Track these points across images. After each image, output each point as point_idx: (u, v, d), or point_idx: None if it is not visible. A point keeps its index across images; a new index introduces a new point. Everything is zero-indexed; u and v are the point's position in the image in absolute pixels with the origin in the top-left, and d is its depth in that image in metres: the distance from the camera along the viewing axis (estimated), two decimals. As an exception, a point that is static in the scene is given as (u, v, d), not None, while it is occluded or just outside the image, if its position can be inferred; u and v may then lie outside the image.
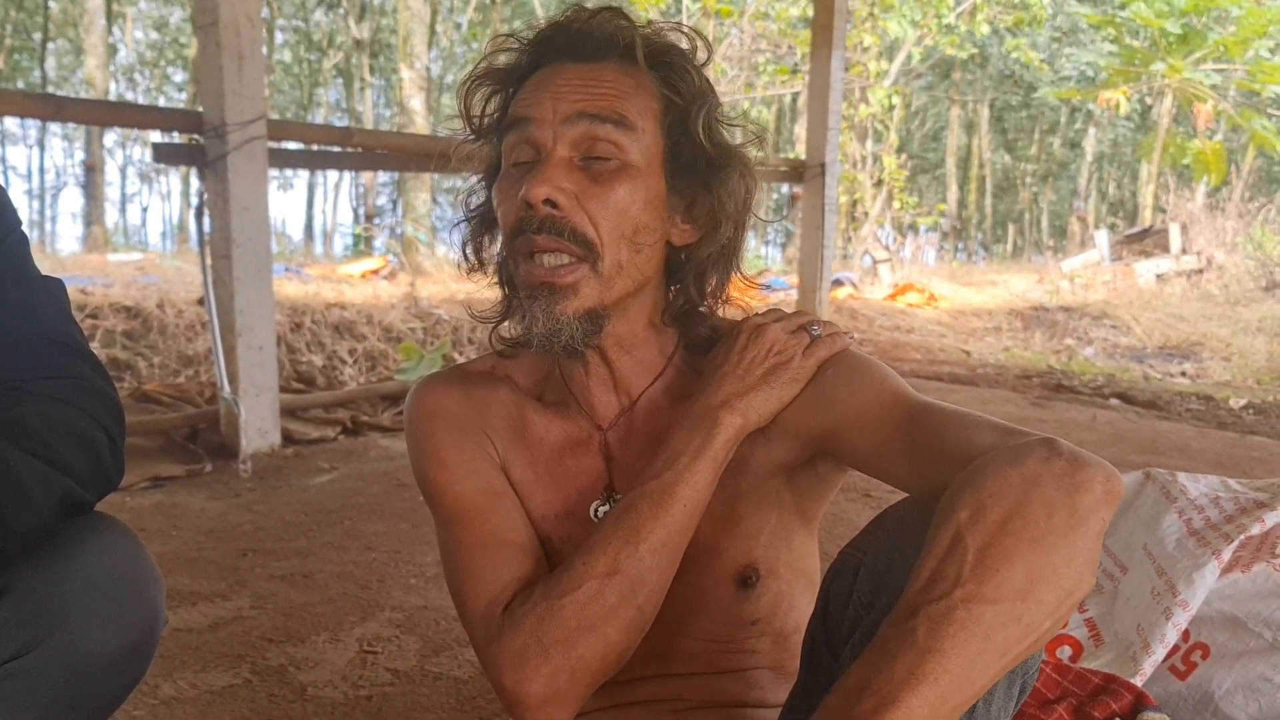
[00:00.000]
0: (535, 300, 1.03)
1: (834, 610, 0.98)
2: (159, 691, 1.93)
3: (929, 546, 0.81)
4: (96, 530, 1.04)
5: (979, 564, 0.78)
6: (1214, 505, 1.71)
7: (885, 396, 1.03)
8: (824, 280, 6.81)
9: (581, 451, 1.15)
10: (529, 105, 1.04)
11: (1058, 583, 0.78)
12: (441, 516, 1.12)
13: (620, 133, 1.03)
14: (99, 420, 1.10)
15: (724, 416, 1.05)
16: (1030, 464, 0.82)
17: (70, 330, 1.14)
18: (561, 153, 1.02)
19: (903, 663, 0.75)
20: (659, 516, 1.01)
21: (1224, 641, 1.57)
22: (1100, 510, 0.81)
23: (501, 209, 1.07)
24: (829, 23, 6.46)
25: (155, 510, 3.25)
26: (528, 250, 1.03)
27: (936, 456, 0.94)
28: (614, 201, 1.03)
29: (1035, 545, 0.78)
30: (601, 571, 1.00)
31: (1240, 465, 4.04)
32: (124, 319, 5.79)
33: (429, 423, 1.14)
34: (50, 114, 3.95)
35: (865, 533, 0.98)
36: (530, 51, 1.08)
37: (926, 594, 0.78)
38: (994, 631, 0.76)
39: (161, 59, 30.20)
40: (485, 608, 1.04)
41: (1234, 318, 10.35)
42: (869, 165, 16.41)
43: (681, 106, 1.06)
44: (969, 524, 0.80)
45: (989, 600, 0.76)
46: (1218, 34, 17.49)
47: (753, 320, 1.13)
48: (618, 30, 1.05)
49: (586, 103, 1.02)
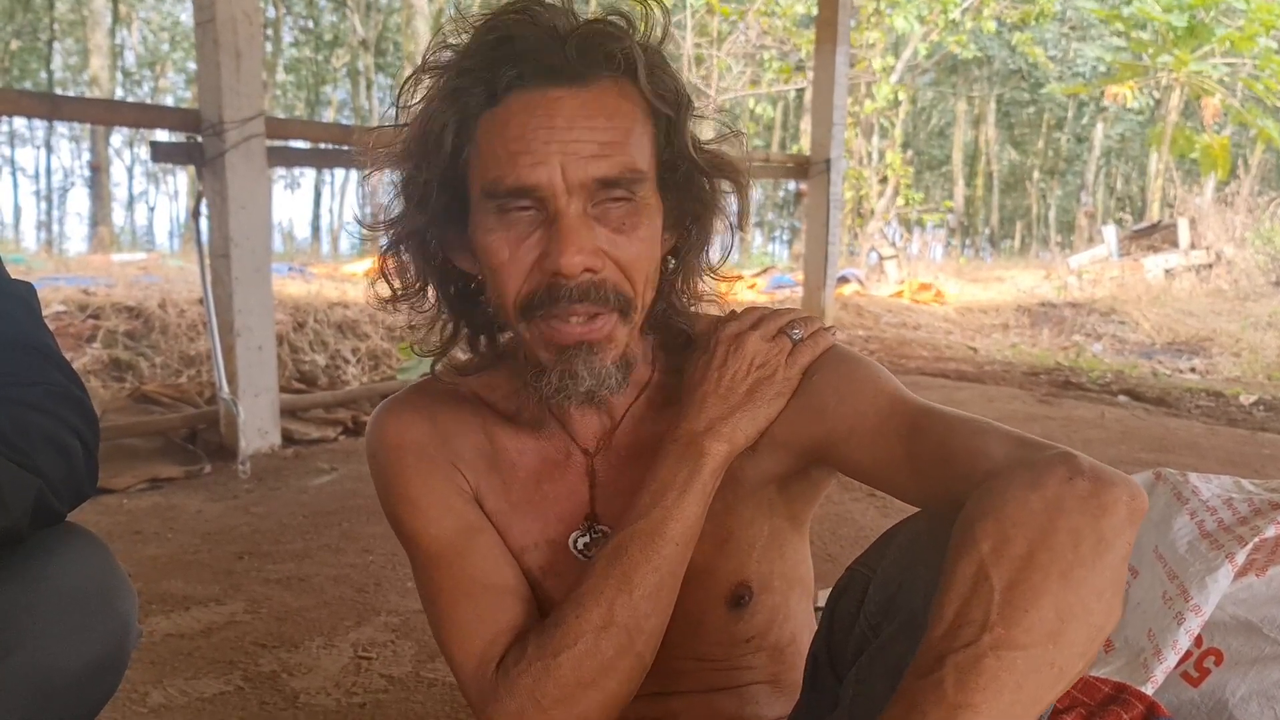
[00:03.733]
0: (575, 358, 0.95)
1: (839, 630, 0.94)
2: (148, 699, 1.89)
3: (950, 582, 0.76)
4: (64, 541, 1.01)
5: (1006, 604, 0.72)
6: (1227, 506, 1.66)
7: (881, 403, 0.97)
8: (830, 277, 6.77)
9: (559, 475, 1.08)
10: (531, 168, 0.90)
11: (1088, 619, 0.73)
12: (419, 561, 1.07)
13: (637, 184, 0.94)
14: (72, 427, 1.07)
15: (709, 445, 0.99)
16: (1052, 486, 0.77)
17: (41, 335, 1.11)
18: (577, 209, 0.92)
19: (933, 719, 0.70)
20: (651, 559, 0.96)
21: (1238, 647, 1.52)
22: (1125, 533, 0.76)
23: (501, 268, 0.95)
24: (834, 18, 6.43)
25: (152, 512, 3.22)
26: (563, 319, 0.95)
27: (943, 469, 0.88)
28: (641, 250, 0.96)
29: (1064, 580, 0.73)
30: (596, 624, 0.95)
31: (1251, 463, 3.99)
32: (126, 319, 5.78)
33: (395, 458, 1.07)
34: (47, 113, 3.93)
35: (874, 549, 0.93)
36: (504, 63, 0.92)
37: (952, 640, 0.73)
38: (1026, 679, 0.71)
39: (168, 59, 30.24)
40: (476, 664, 1.00)
41: (1243, 313, 10.27)
42: (875, 161, 16.36)
43: (670, 117, 0.98)
44: (993, 558, 0.75)
45: (1020, 645, 0.71)
46: (1225, 28, 17.40)
47: (730, 329, 1.05)
48: (617, 49, 0.93)
49: (602, 165, 0.91)
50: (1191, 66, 17.30)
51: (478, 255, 0.98)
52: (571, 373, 0.96)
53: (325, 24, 29.81)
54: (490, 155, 0.93)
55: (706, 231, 1.05)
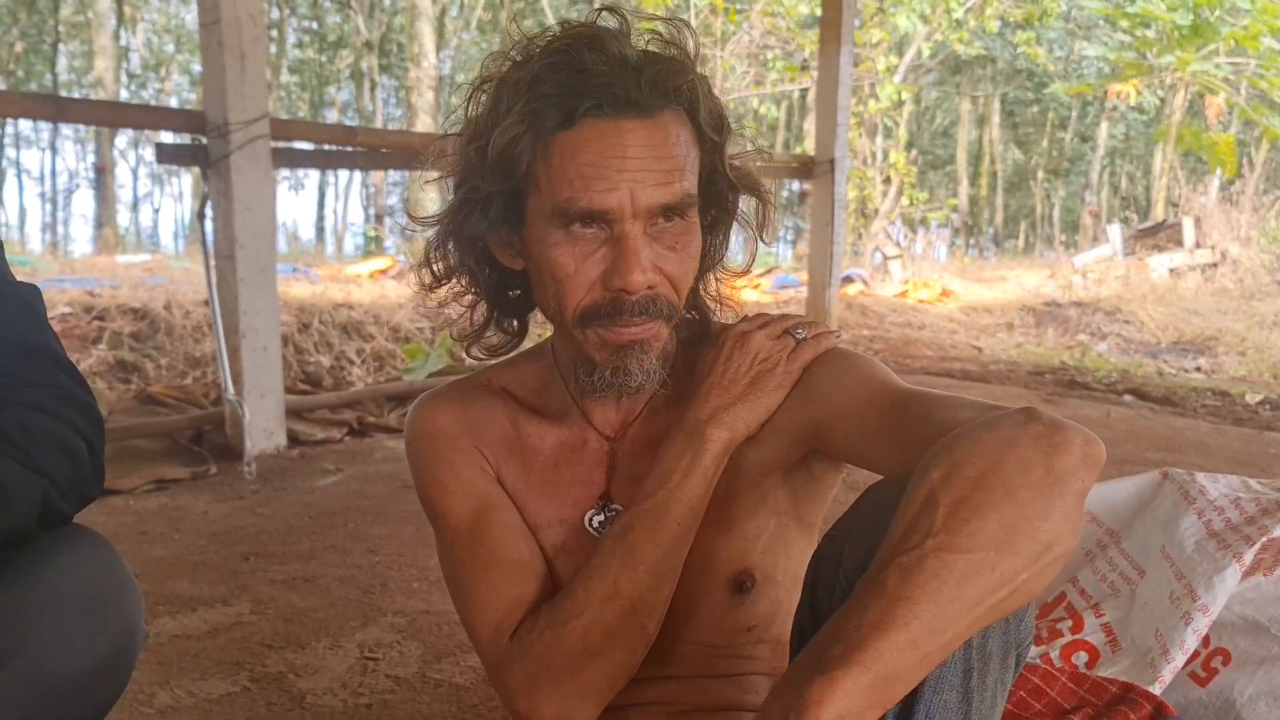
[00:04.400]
0: (629, 357, 1.04)
1: (821, 595, 0.95)
2: (155, 700, 1.90)
3: (902, 506, 0.80)
4: (70, 543, 1.01)
5: (951, 516, 0.76)
6: (1234, 506, 1.66)
7: (871, 387, 1.02)
8: (834, 277, 6.76)
9: (577, 459, 1.16)
10: (604, 193, 0.97)
11: (1033, 535, 0.76)
12: (445, 539, 1.15)
13: (690, 209, 1.03)
14: (78, 429, 1.07)
15: (711, 432, 1.07)
16: (1006, 428, 0.81)
17: (46, 338, 1.11)
18: (639, 230, 1.00)
19: (872, 610, 0.74)
20: (654, 537, 1.04)
21: (1246, 647, 1.52)
22: (1079, 472, 0.79)
23: (567, 280, 1.02)
24: (838, 18, 6.42)
25: (158, 513, 3.23)
26: (622, 326, 1.03)
27: (922, 439, 0.91)
28: (689, 265, 1.05)
29: (1009, 498, 0.77)
30: (602, 597, 1.03)
31: (1258, 462, 3.98)
32: (131, 320, 5.79)
33: (426, 445, 1.16)
34: (53, 115, 3.95)
35: (849, 514, 0.96)
36: (581, 92, 0.97)
37: (898, 548, 0.77)
38: (967, 579, 0.75)
39: (173, 61, 30.28)
40: (492, 633, 1.08)
41: (1249, 312, 10.24)
42: (879, 161, 16.34)
43: (715, 142, 1.06)
44: (942, 482, 0.79)
45: (961, 550, 0.75)
46: (1230, 27, 17.36)
47: (738, 328, 1.14)
48: (684, 84, 1.01)
49: (664, 193, 0.99)
50: (1196, 66, 17.26)
51: (538, 261, 1.04)
52: (625, 369, 1.05)
53: (329, 25, 29.83)
54: (562, 177, 0.99)
55: (727, 239, 1.15)
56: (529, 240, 1.05)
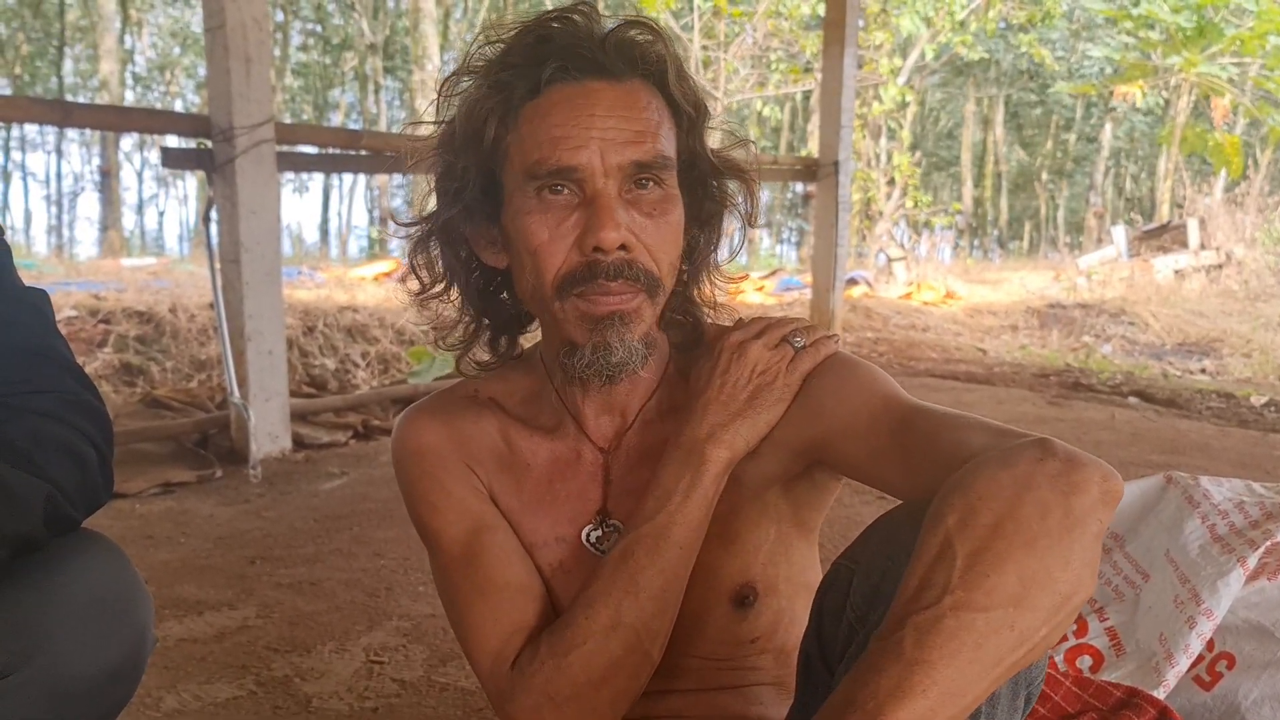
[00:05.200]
0: (608, 329, 1.00)
1: (828, 624, 0.95)
2: (162, 704, 1.90)
3: (917, 554, 0.78)
4: (81, 548, 1.01)
5: (968, 570, 0.74)
6: (1238, 510, 1.66)
7: (875, 402, 1.00)
8: (838, 279, 6.76)
9: (571, 473, 1.12)
10: (573, 150, 0.96)
11: (1053, 587, 0.74)
12: (439, 561, 1.12)
13: (666, 171, 1.01)
14: (87, 435, 1.07)
15: (710, 451, 1.03)
16: (1022, 465, 0.78)
17: (55, 343, 1.12)
18: (613, 190, 0.98)
19: (889, 676, 0.71)
20: (656, 562, 1.01)
21: (1250, 651, 1.52)
22: (1097, 511, 0.77)
23: (541, 247, 1.00)
24: (841, 19, 6.42)
25: (164, 516, 3.24)
26: (599, 294, 0.99)
27: (930, 461, 0.90)
28: (668, 235, 1.02)
29: (1028, 549, 0.74)
30: (604, 625, 1.00)
31: (1263, 465, 3.97)
32: (136, 324, 5.80)
33: (415, 464, 1.12)
34: (59, 119, 3.95)
35: (858, 543, 0.95)
36: (546, 59, 0.99)
37: (914, 604, 0.74)
38: (986, 640, 0.72)
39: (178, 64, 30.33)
40: (492, 662, 1.05)
41: (1254, 313, 10.23)
42: (883, 163, 16.33)
43: (693, 118, 1.05)
44: (958, 528, 0.76)
45: (979, 607, 0.73)
46: (1234, 28, 17.33)
47: (734, 337, 1.09)
48: (650, 53, 1.01)
49: (636, 151, 0.98)
50: (1201, 69, 17.23)
51: (514, 239, 1.03)
52: (604, 344, 1.00)
53: (333, 27, 29.86)
54: (532, 140, 0.98)
55: (717, 233, 1.12)
56: (505, 226, 1.04)
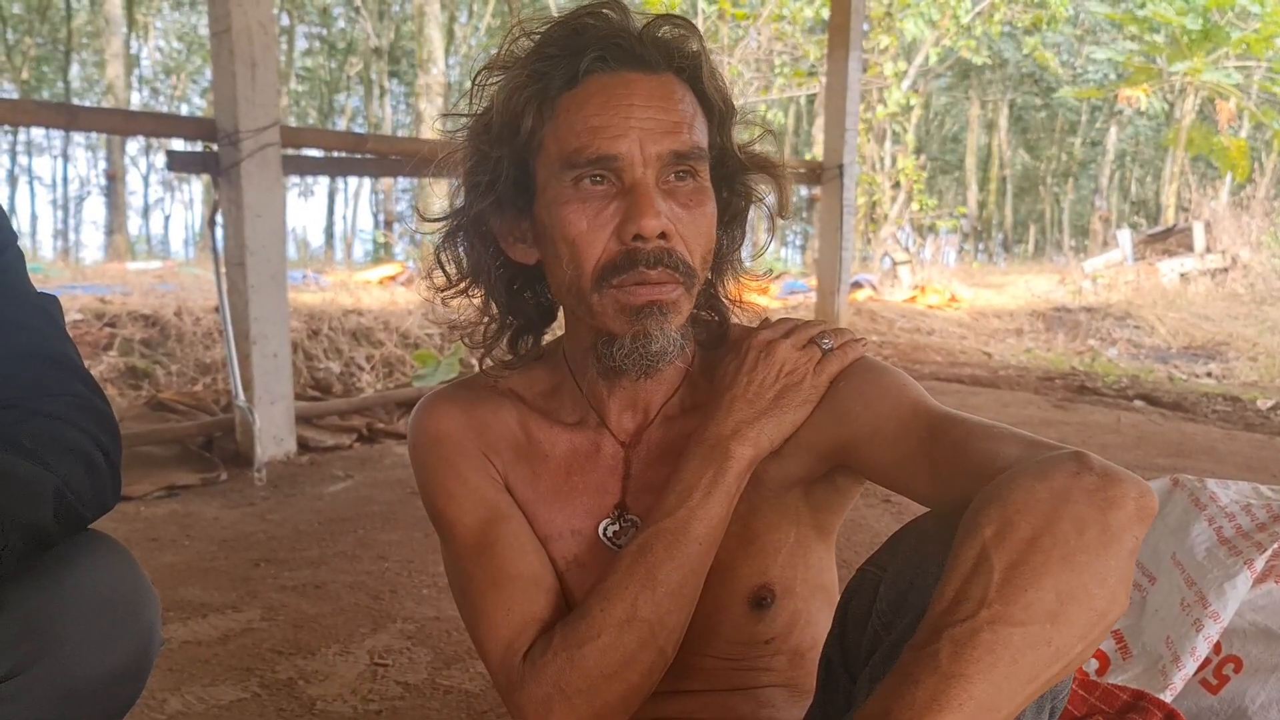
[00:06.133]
0: (648, 319, 1.00)
1: (851, 630, 0.94)
2: (166, 706, 1.90)
3: (953, 565, 0.77)
4: (90, 549, 1.01)
5: (1006, 584, 0.74)
6: (1245, 513, 1.65)
7: (904, 408, 0.99)
8: (843, 282, 6.76)
9: (590, 466, 1.11)
10: (611, 139, 0.97)
11: (1089, 604, 0.74)
12: (453, 550, 1.11)
13: (701, 163, 1.02)
14: (95, 439, 1.08)
15: (735, 448, 1.02)
16: (1059, 478, 0.78)
17: (65, 348, 1.12)
18: (651, 179, 0.98)
19: (925, 688, 0.71)
20: (675, 557, 1.00)
21: (1257, 654, 1.51)
22: (1133, 527, 0.77)
23: (580, 237, 0.99)
24: (845, 23, 6.42)
25: (169, 519, 3.24)
26: (637, 283, 0.99)
27: (959, 470, 0.90)
28: (704, 227, 1.02)
29: (1065, 564, 0.74)
30: (620, 619, 0.99)
31: (1270, 468, 3.96)
32: (142, 327, 5.81)
33: (432, 450, 1.12)
34: (65, 123, 3.96)
35: (885, 549, 0.94)
36: (584, 50, 0.99)
37: (950, 615, 0.74)
38: (1022, 655, 0.72)
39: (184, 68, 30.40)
40: (503, 652, 1.04)
41: (1260, 317, 10.20)
42: (887, 167, 16.33)
43: (723, 113, 1.06)
44: (995, 541, 0.76)
45: (1016, 622, 0.72)
46: (1240, 31, 17.31)
47: (762, 336, 1.09)
48: (684, 46, 1.02)
49: (674, 141, 0.98)
50: (1206, 74, 17.20)
51: (549, 230, 1.02)
52: (644, 333, 1.00)
53: (338, 31, 29.94)
54: (570, 130, 0.98)
55: (743, 230, 1.12)
56: (539, 217, 1.03)
